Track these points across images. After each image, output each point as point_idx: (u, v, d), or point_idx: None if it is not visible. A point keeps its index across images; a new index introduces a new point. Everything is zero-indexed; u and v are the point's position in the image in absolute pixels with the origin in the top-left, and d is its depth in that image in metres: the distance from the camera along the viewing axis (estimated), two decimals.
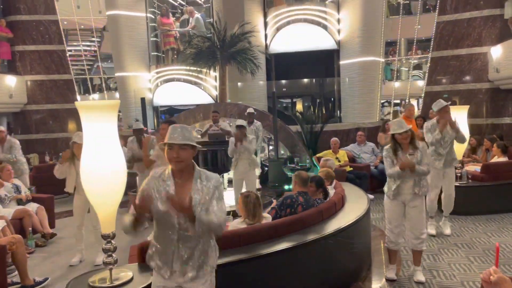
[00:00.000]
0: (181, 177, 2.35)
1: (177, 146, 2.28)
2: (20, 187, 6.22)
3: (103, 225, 2.86)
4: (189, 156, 2.32)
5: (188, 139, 2.30)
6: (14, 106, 12.18)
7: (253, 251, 3.44)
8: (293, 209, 4.11)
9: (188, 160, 2.33)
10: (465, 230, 5.83)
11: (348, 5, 11.24)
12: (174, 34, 12.15)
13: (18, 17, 12.26)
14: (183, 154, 2.29)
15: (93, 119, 2.77)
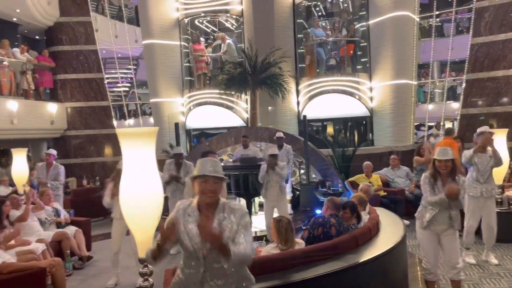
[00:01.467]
0: (207, 210, 2.36)
1: (212, 179, 2.31)
2: (60, 210, 6.44)
3: (140, 249, 2.91)
4: (220, 189, 2.35)
5: (221, 172, 2.33)
6: (54, 132, 12.73)
7: (287, 278, 3.41)
8: (326, 228, 4.06)
9: (218, 193, 2.35)
10: (508, 258, 5.56)
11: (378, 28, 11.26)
12: (206, 60, 12.48)
13: (60, 47, 12.95)
14: (217, 187, 2.32)
15: (132, 146, 2.86)
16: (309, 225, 4.20)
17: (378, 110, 11.29)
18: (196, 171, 2.36)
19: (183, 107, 12.84)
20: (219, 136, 10.32)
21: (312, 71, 11.61)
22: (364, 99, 11.34)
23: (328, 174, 8.84)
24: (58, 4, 12.82)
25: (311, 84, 11.44)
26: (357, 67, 11.84)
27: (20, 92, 11.42)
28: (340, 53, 11.69)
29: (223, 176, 2.33)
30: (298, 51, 11.93)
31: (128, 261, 5.17)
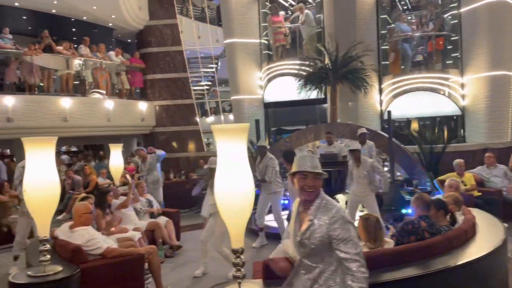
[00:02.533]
0: (308, 205, 2.37)
1: (311, 175, 2.31)
2: (152, 202, 6.90)
3: (233, 240, 3.03)
4: (320, 185, 2.34)
5: (320, 168, 2.33)
6: (144, 129, 13.65)
7: (375, 277, 3.32)
8: (419, 235, 3.86)
9: (319, 189, 2.35)
10: None
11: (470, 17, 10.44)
12: (284, 31, 12.41)
13: (149, 49, 13.82)
14: (317, 183, 2.32)
15: (226, 141, 2.98)
16: (396, 231, 4.01)
17: (470, 106, 10.50)
18: (295, 166, 2.37)
19: (261, 80, 12.94)
20: (299, 132, 10.31)
21: (396, 69, 11.10)
22: (455, 97, 10.60)
23: (415, 172, 8.43)
24: (148, 9, 13.69)
25: (396, 82, 10.95)
26: (447, 63, 11.08)
27: (115, 92, 12.41)
28: (428, 49, 11.02)
29: (322, 172, 2.32)
30: (381, 48, 11.49)
31: (215, 252, 5.39)
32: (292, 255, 2.57)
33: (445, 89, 10.61)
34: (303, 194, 2.34)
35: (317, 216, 2.32)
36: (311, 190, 2.32)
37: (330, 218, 2.28)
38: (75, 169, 11.90)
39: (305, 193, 2.33)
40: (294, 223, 2.42)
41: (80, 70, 11.42)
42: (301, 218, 2.39)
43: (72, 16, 13.57)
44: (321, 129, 9.66)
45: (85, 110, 11.10)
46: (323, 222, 2.29)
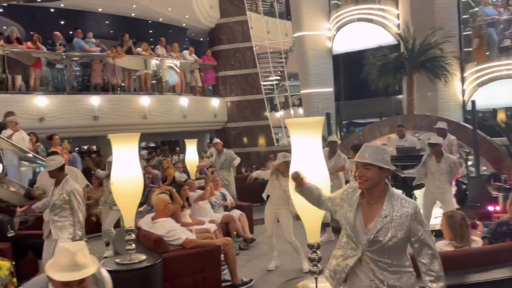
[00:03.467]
0: (370, 199, 2.31)
1: (361, 165, 2.28)
2: (226, 195, 7.08)
3: (309, 235, 3.01)
4: (375, 177, 2.26)
5: (375, 159, 2.25)
6: (217, 124, 14.05)
7: (461, 278, 3.14)
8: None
9: (374, 180, 2.27)
10: None
11: None
12: None
13: (220, 46, 14.16)
14: (368, 173, 2.26)
15: (301, 135, 2.96)
16: (489, 233, 3.71)
17: None
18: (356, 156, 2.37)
19: (329, 31, 12.75)
20: (372, 125, 9.97)
21: (481, 55, 10.25)
22: None
23: (503, 166, 7.76)
24: (219, 7, 14.01)
25: (480, 69, 10.13)
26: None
27: (188, 89, 12.90)
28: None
29: (372, 162, 2.24)
30: (463, 34, 10.70)
31: (288, 246, 5.39)
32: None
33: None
34: (358, 184, 2.33)
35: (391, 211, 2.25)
36: (361, 180, 2.29)
37: (407, 212, 2.22)
38: (153, 163, 12.58)
39: (358, 182, 2.33)
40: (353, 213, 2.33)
41: (157, 70, 12.01)
42: (365, 212, 2.31)
43: (149, 18, 14.34)
44: (396, 122, 9.24)
45: (162, 108, 11.67)
46: (399, 216, 2.23)
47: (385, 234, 2.20)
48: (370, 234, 2.24)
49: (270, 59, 15.36)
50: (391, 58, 9.50)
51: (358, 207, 2.32)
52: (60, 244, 2.32)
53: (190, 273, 4.28)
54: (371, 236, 2.23)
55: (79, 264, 1.91)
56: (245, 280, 4.76)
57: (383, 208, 2.25)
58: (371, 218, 2.27)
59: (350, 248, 2.33)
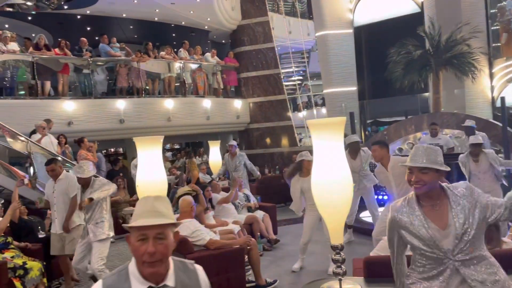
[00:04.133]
0: (430, 201, 2.21)
1: (416, 169, 2.17)
2: (250, 196, 7.10)
3: (332, 236, 2.98)
4: (432, 180, 2.16)
5: (432, 161, 2.16)
6: (239, 126, 14.10)
7: None
8: None
9: (432, 184, 2.17)
10: None
11: None
12: None
13: (242, 48, 14.20)
14: (425, 178, 2.16)
15: (322, 136, 2.94)
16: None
17: None
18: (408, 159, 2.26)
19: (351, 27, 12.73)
20: (397, 124, 9.79)
21: (510, 50, 9.93)
22: None
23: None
24: (240, 8, 14.07)
25: (510, 65, 9.81)
26: None
27: (212, 91, 13.00)
28: None
29: (430, 166, 2.14)
30: (491, 29, 10.38)
31: (313, 247, 5.36)
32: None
33: None
34: (415, 190, 2.22)
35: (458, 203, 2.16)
36: (417, 186, 2.18)
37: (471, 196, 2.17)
38: (178, 165, 12.74)
39: (415, 188, 2.20)
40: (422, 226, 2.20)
41: (180, 73, 12.17)
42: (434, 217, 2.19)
43: (172, 22, 14.54)
44: (423, 120, 9.05)
45: (186, 110, 11.80)
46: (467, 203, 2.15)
47: (467, 225, 2.12)
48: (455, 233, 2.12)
49: (292, 59, 15.32)
50: (416, 56, 9.30)
51: (424, 218, 2.20)
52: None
53: (215, 274, 4.31)
54: (459, 230, 2.11)
55: (158, 210, 1.60)
56: (269, 281, 4.76)
57: (451, 203, 2.17)
58: (443, 219, 2.17)
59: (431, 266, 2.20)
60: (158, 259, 1.55)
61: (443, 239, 2.14)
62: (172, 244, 1.61)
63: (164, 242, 1.56)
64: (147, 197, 1.68)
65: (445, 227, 2.15)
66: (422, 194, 2.21)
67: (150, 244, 1.54)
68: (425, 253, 2.20)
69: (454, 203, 2.17)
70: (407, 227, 2.23)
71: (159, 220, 1.56)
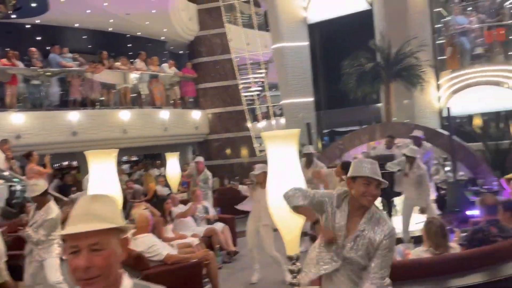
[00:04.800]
0: (357, 210, 2.33)
1: (375, 183, 2.25)
2: (209, 208, 7.05)
3: (288, 247, 3.02)
4: (378, 192, 2.29)
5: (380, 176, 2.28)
6: (198, 137, 14.02)
7: (439, 284, 3.19)
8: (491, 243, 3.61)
9: (377, 196, 2.32)
10: None
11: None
12: None
13: (200, 59, 14.21)
14: (377, 192, 2.28)
15: (277, 147, 2.99)
16: (466, 240, 3.78)
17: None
18: (356, 171, 2.30)
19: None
20: (352, 134, 10.11)
21: (454, 63, 10.53)
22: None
23: (479, 171, 7.95)
24: (197, 20, 14.08)
25: (454, 77, 10.40)
26: (510, 54, 10.33)
27: (169, 102, 12.86)
28: (486, 40, 10.36)
29: (384, 181, 2.27)
30: (436, 42, 10.98)
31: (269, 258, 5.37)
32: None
33: (509, 81, 9.91)
34: (364, 200, 2.29)
35: (367, 228, 2.29)
36: (371, 198, 2.28)
37: (381, 233, 2.27)
38: (135, 178, 12.44)
39: (365, 200, 2.28)
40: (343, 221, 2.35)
41: (137, 83, 11.96)
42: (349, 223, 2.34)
43: (127, 32, 14.30)
44: (375, 130, 9.40)
45: (142, 121, 11.60)
46: (374, 235, 2.27)
47: (358, 248, 2.27)
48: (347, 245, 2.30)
49: (250, 70, 15.46)
50: (368, 68, 9.66)
51: (346, 217, 2.33)
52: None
53: None
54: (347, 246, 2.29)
55: (95, 213, 1.25)
56: None
57: (361, 223, 2.30)
58: (352, 229, 2.31)
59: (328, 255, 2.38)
60: (95, 275, 1.21)
61: (346, 242, 2.30)
62: (116, 255, 1.25)
63: (103, 253, 1.22)
64: (85, 197, 1.36)
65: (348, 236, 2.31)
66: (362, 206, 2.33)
67: (82, 257, 1.21)
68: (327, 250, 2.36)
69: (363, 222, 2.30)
70: (330, 214, 2.37)
71: (92, 225, 1.21)
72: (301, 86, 13.02)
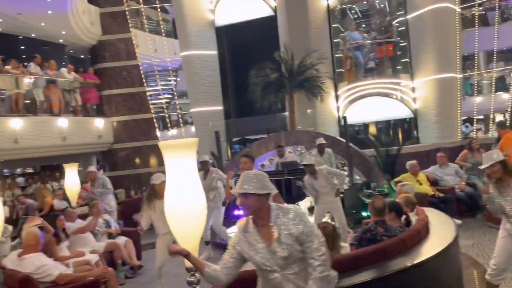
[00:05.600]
0: (262, 219, 2.43)
1: (241, 195, 2.39)
2: (110, 222, 6.69)
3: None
4: (255, 203, 2.39)
5: (255, 187, 2.37)
6: (102, 146, 13.29)
7: None
8: (378, 242, 3.92)
9: (255, 206, 2.40)
10: None
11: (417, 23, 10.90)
12: None
13: (104, 64, 13.53)
14: (248, 202, 2.38)
15: (175, 157, 2.94)
16: (355, 240, 4.06)
17: (422, 108, 10.90)
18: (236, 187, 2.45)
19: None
20: (259, 142, 10.35)
21: (351, 75, 11.42)
22: (407, 100, 11.00)
23: (373, 175, 8.64)
24: (100, 23, 13.42)
25: (351, 88, 11.26)
26: (398, 68, 11.51)
27: (69, 109, 12.02)
28: (378, 55, 11.41)
29: (247, 192, 2.36)
30: (335, 56, 11.79)
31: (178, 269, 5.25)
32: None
33: (397, 93, 11.00)
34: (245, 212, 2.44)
35: (278, 222, 2.39)
36: (244, 208, 2.42)
37: (290, 217, 2.39)
38: (30, 191, 11.38)
39: (243, 210, 2.44)
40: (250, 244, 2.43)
41: (31, 89, 10.99)
42: (264, 235, 2.42)
43: (19, 33, 13.12)
44: (281, 137, 9.74)
45: (37, 130, 10.66)
46: (286, 224, 2.38)
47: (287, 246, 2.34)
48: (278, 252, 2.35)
49: (158, 78, 15.10)
50: (272, 78, 10.02)
51: (257, 235, 2.41)
52: None
53: None
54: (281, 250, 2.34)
55: None
56: None
57: (273, 222, 2.39)
58: (270, 238, 2.38)
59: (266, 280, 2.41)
60: None
61: (272, 255, 2.37)
62: None
63: None
64: None
65: (270, 244, 2.39)
66: (252, 215, 2.44)
67: None
68: (261, 267, 2.41)
69: (274, 223, 2.41)
70: (246, 244, 2.44)
71: None
72: (210, 95, 13.07)
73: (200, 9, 12.94)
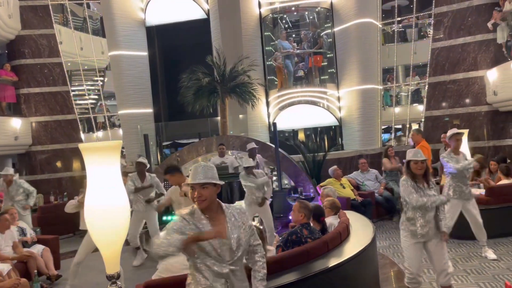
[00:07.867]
0: (210, 213, 2.50)
1: (198, 186, 2.43)
2: (25, 229, 6.23)
3: (107, 265, 2.86)
4: (212, 194, 2.47)
5: (210, 177, 2.45)
6: (19, 148, 12.33)
7: None
8: (302, 244, 4.04)
9: (211, 198, 2.47)
10: (473, 255, 5.75)
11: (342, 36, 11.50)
12: None
13: (23, 61, 12.60)
14: (205, 192, 2.44)
15: (96, 160, 2.82)
16: (282, 242, 4.16)
17: (346, 116, 11.49)
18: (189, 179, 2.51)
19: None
20: (190, 146, 10.26)
21: (280, 83, 11.77)
22: (333, 109, 11.53)
23: (300, 179, 8.93)
24: (20, 17, 12.50)
25: (281, 95, 11.57)
26: (325, 78, 12.04)
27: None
28: (309, 64, 11.86)
29: (209, 181, 2.44)
30: (266, 63, 12.05)
31: (99, 277, 5.03)
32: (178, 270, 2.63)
33: (323, 102, 11.49)
34: (197, 204, 2.47)
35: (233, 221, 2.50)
36: (200, 200, 2.45)
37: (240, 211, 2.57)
38: None
39: (198, 202, 2.47)
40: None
41: None
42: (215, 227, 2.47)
43: None
44: (212, 142, 9.73)
45: None
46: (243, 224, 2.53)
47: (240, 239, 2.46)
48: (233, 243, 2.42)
49: (84, 77, 14.35)
50: (204, 82, 9.98)
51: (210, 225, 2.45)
52: None
53: None
54: (234, 244, 2.42)
55: None
56: None
57: (227, 217, 2.49)
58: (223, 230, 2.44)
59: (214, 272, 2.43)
60: None
61: (223, 247, 2.45)
62: None
63: None
64: None
65: (222, 235, 2.45)
66: (204, 208, 2.48)
67: None
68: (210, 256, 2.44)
69: (228, 218, 2.51)
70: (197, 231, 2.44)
71: None
72: (139, 96, 12.69)
73: (130, 7, 12.55)
